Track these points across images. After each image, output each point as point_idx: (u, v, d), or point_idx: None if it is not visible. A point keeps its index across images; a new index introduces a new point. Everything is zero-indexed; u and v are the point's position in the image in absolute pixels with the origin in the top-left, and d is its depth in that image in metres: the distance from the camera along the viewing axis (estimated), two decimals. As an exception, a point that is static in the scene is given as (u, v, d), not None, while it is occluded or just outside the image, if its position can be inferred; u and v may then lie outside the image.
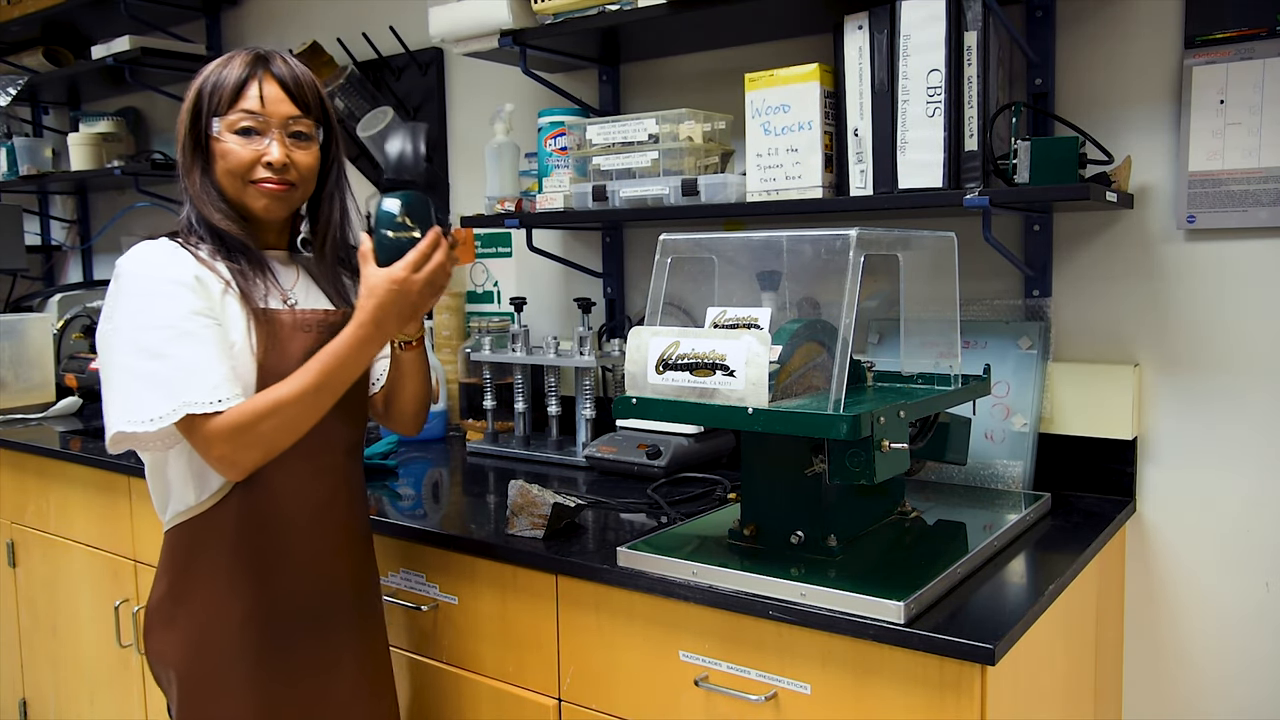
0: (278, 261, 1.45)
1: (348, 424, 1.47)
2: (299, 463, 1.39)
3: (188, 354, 1.26)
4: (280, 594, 1.41)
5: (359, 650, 1.51)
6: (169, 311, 1.27)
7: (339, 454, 1.46)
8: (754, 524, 1.45)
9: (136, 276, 1.30)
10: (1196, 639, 1.73)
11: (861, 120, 1.70)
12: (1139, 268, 1.74)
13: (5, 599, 2.70)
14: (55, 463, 2.44)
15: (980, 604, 1.27)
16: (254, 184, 1.37)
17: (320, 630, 1.45)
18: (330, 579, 1.46)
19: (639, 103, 2.28)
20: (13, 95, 3.30)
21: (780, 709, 1.30)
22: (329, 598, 1.46)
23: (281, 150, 1.36)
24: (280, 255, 1.47)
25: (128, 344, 1.27)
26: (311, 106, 1.40)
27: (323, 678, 1.46)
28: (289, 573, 1.42)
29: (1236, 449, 1.68)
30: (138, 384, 1.26)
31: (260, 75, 1.36)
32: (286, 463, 1.35)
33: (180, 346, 1.26)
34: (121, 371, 1.27)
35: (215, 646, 1.38)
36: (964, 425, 1.58)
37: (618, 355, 2.11)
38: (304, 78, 1.40)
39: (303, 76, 1.40)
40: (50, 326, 3.12)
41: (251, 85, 1.36)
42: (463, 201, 2.63)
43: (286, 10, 2.98)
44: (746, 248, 1.51)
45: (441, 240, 1.36)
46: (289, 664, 1.42)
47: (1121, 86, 1.73)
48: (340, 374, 1.31)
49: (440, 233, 1.36)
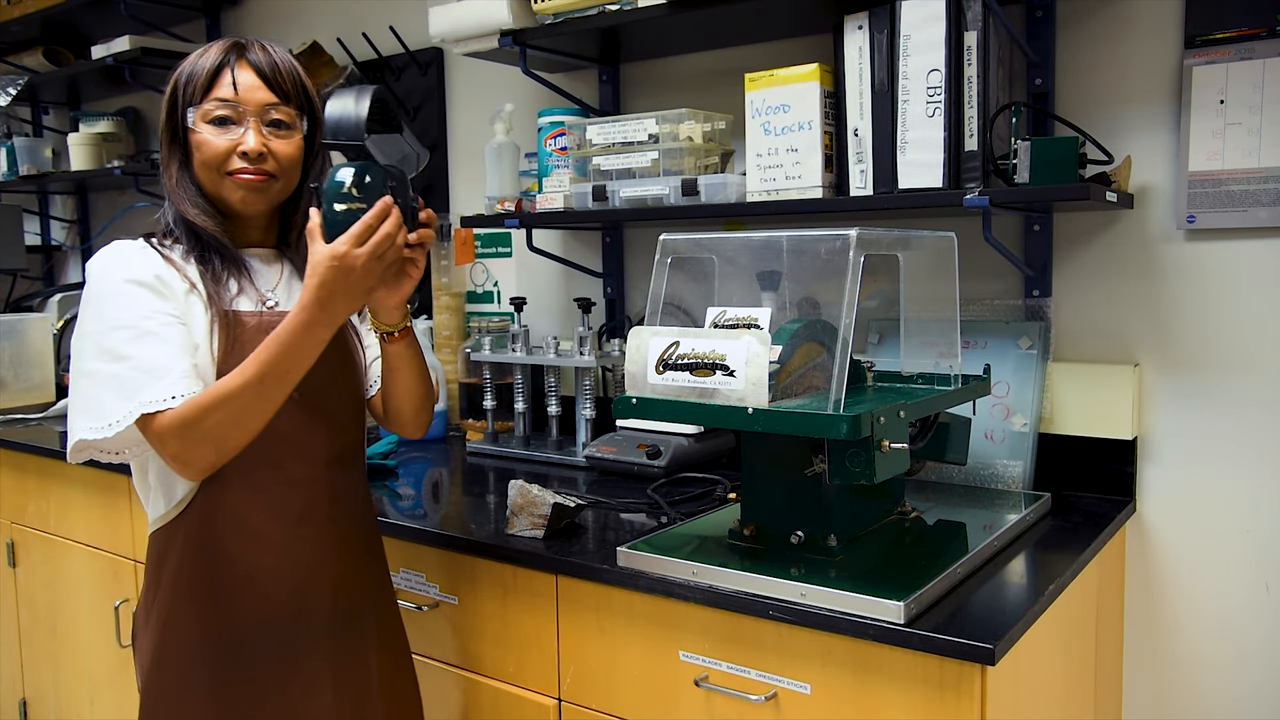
0: (259, 260, 1.40)
1: (329, 432, 1.38)
2: (265, 471, 1.32)
3: (148, 354, 1.22)
4: (241, 610, 1.32)
5: (349, 671, 1.40)
6: (129, 312, 1.24)
7: (318, 464, 1.37)
8: (754, 524, 1.45)
9: (98, 278, 1.27)
10: (1196, 639, 1.73)
11: (861, 120, 1.70)
12: (1139, 268, 1.74)
13: (5, 599, 2.70)
14: (55, 463, 2.44)
15: (980, 604, 1.27)
16: (230, 175, 1.31)
17: (292, 650, 1.35)
18: (304, 596, 1.36)
19: (639, 103, 2.28)
20: (13, 95, 3.30)
21: (780, 709, 1.30)
22: (302, 616, 1.36)
23: (258, 139, 1.30)
24: (265, 253, 1.41)
25: (92, 348, 1.24)
26: (291, 94, 1.34)
27: (296, 700, 1.36)
28: (253, 589, 1.33)
29: (1236, 449, 1.68)
30: (98, 389, 1.23)
31: (234, 62, 1.31)
32: (252, 472, 1.31)
33: (140, 347, 1.22)
34: (84, 378, 1.24)
35: (171, 661, 1.33)
36: (964, 425, 1.58)
37: (618, 355, 2.11)
38: (283, 64, 1.34)
39: (282, 63, 1.34)
40: (50, 326, 3.12)
41: (225, 73, 1.31)
42: (463, 201, 2.63)
43: (286, 10, 2.98)
44: (746, 248, 1.51)
45: (392, 211, 1.23)
46: (254, 684, 1.33)
47: (1121, 86, 1.73)
48: (285, 362, 1.21)
49: (390, 203, 1.23)
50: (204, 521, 1.32)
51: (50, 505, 2.50)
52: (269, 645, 1.34)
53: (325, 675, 1.38)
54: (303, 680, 1.36)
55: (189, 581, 1.33)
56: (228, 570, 1.32)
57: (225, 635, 1.32)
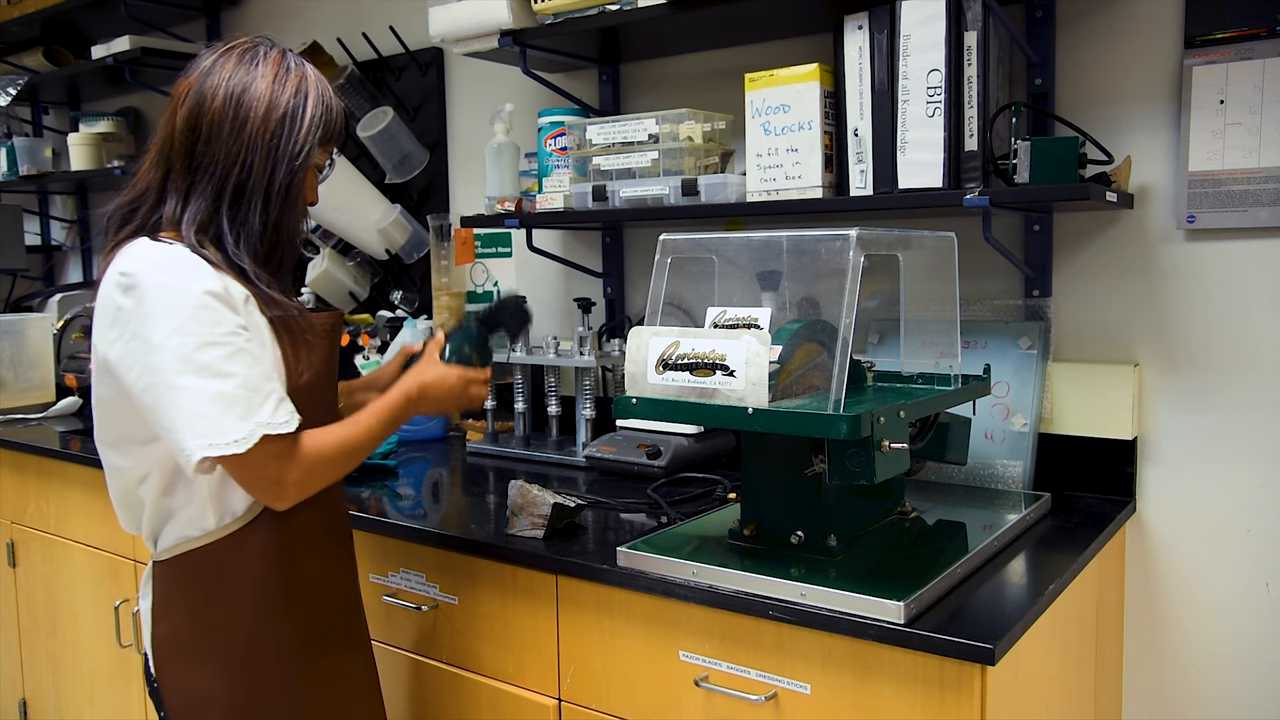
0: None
1: None
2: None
3: (248, 372, 1.19)
4: (310, 613, 1.38)
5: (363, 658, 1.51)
6: (217, 327, 1.19)
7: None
8: (754, 524, 1.45)
9: (164, 288, 1.18)
10: (1196, 639, 1.73)
11: (861, 120, 1.70)
12: (1139, 268, 1.74)
13: (5, 599, 2.70)
14: (55, 463, 2.44)
15: (980, 604, 1.27)
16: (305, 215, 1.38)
17: (342, 642, 1.45)
18: (341, 594, 1.46)
19: (639, 103, 2.28)
20: (13, 95, 3.30)
21: (780, 709, 1.30)
22: (342, 612, 1.46)
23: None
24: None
25: (181, 362, 1.17)
26: None
27: (347, 690, 1.45)
28: (316, 592, 1.39)
29: (1236, 449, 1.68)
30: (208, 405, 1.17)
31: None
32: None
33: (238, 364, 1.19)
34: (184, 393, 1.17)
35: (260, 675, 1.33)
36: (964, 425, 1.58)
37: (618, 355, 2.11)
38: None
39: None
40: (50, 326, 3.12)
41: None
42: (463, 201, 2.63)
43: (286, 10, 2.98)
44: (746, 248, 1.51)
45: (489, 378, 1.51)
46: (324, 679, 1.40)
47: (1121, 86, 1.73)
48: (384, 433, 1.36)
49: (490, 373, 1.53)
50: (275, 532, 1.33)
51: (50, 505, 2.50)
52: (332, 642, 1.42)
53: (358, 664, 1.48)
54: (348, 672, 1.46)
55: (267, 595, 1.33)
56: (299, 576, 1.36)
57: (307, 640, 1.37)
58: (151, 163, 1.31)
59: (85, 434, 2.55)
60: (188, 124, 1.27)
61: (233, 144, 1.26)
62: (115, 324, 1.20)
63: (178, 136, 1.28)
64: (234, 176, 1.26)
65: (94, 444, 1.36)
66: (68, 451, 2.38)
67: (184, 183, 1.28)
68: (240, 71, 1.28)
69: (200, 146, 1.27)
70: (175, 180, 1.28)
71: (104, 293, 1.23)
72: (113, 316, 1.21)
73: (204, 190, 1.26)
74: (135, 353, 1.18)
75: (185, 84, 1.30)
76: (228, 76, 1.28)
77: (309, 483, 1.26)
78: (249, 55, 1.30)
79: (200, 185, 1.27)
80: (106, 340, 1.22)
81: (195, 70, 1.31)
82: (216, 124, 1.26)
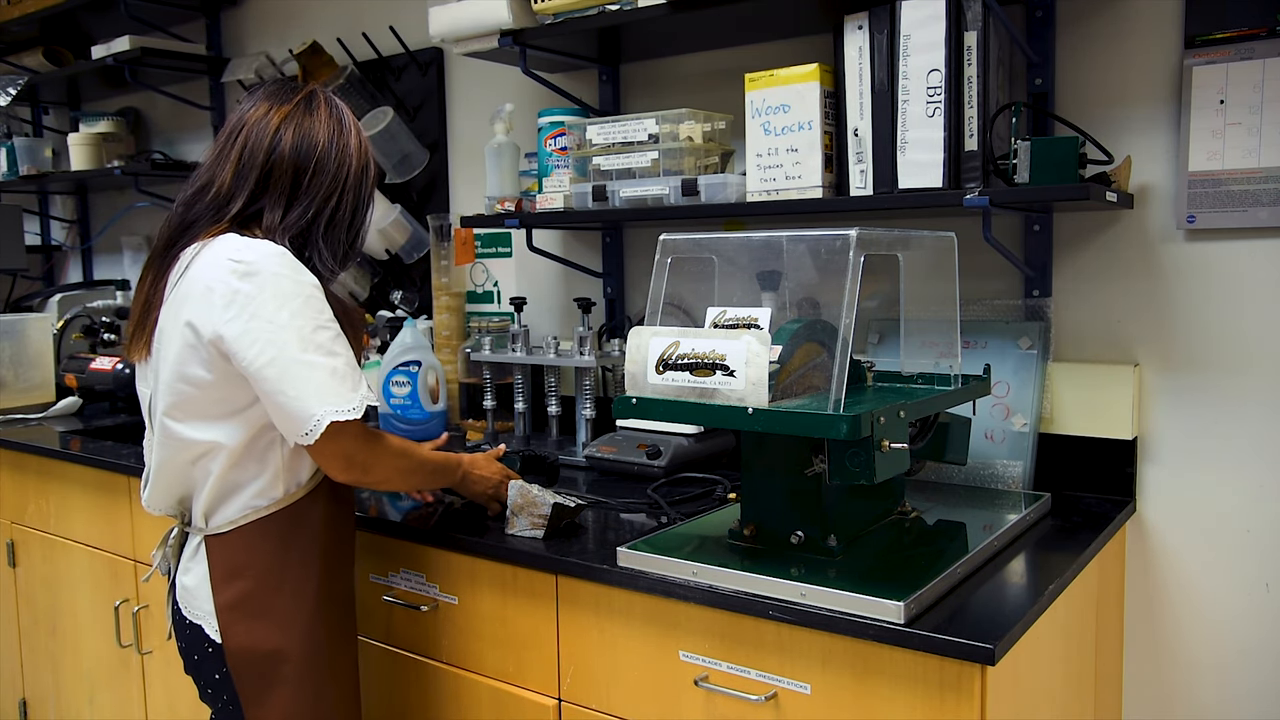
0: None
1: None
2: None
3: (348, 353, 1.39)
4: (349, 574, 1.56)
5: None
6: (323, 314, 1.38)
7: None
8: (754, 524, 1.45)
9: (280, 276, 1.35)
10: (1196, 639, 1.73)
11: (861, 120, 1.70)
12: (1139, 268, 1.74)
13: (5, 599, 2.70)
14: (55, 463, 2.44)
15: (980, 604, 1.27)
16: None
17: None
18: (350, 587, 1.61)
19: (639, 103, 2.28)
20: (13, 95, 3.30)
21: (780, 709, 1.30)
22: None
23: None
24: None
25: (303, 340, 1.34)
26: None
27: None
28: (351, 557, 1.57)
29: (1236, 449, 1.68)
30: (328, 378, 1.34)
31: None
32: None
33: (340, 345, 1.38)
34: (311, 367, 1.34)
35: (330, 628, 1.48)
36: (964, 425, 1.58)
37: (618, 355, 2.11)
38: None
39: None
40: (50, 326, 3.12)
41: None
42: (463, 201, 2.63)
43: (286, 10, 2.98)
44: (746, 248, 1.51)
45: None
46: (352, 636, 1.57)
47: (1121, 86, 1.73)
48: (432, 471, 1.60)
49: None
50: (330, 499, 1.49)
51: (50, 505, 2.50)
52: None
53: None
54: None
55: (324, 554, 1.48)
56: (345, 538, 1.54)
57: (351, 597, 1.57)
58: (234, 170, 1.44)
59: (85, 434, 2.55)
60: (296, 154, 1.45)
61: (330, 183, 1.47)
62: (232, 304, 1.34)
63: (285, 163, 1.44)
64: (328, 208, 1.46)
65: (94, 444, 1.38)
66: (68, 451, 2.38)
67: (283, 197, 1.44)
68: (333, 123, 1.49)
69: (306, 179, 1.45)
70: (272, 194, 1.44)
71: (214, 276, 1.35)
72: (229, 298, 1.34)
73: (304, 210, 1.44)
74: (258, 330, 1.33)
75: (282, 111, 1.46)
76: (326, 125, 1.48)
77: (371, 464, 1.43)
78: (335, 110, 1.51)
79: (300, 205, 1.45)
80: (222, 319, 1.34)
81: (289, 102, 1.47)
82: (322, 163, 1.46)
